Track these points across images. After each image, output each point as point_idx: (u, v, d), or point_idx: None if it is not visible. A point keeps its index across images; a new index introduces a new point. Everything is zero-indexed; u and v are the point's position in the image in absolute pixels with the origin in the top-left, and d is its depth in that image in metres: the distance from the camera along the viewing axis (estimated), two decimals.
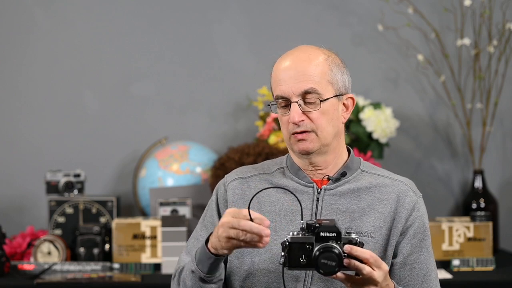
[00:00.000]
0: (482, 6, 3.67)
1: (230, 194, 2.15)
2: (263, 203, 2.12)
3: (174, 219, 3.20)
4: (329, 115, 2.06)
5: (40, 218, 3.64)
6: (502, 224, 3.73)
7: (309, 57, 2.07)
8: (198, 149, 3.50)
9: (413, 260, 2.08)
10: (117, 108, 3.73)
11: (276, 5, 3.77)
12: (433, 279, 2.10)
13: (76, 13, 3.72)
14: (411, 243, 2.08)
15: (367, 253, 1.87)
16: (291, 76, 2.06)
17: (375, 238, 2.06)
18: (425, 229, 2.11)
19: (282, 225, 2.08)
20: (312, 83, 2.04)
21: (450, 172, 3.82)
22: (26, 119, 3.71)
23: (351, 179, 2.12)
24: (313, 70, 2.05)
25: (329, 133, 2.07)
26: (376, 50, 3.79)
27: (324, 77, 2.06)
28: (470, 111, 3.70)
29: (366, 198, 2.09)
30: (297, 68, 2.06)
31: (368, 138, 3.55)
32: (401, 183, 2.13)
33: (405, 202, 2.09)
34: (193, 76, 3.75)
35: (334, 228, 1.85)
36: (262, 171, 2.18)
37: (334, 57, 2.11)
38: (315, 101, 2.05)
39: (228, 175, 2.20)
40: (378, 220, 2.07)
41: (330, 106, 2.07)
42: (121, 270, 3.18)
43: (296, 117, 2.04)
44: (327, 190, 2.10)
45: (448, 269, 3.19)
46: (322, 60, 2.07)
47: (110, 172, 3.71)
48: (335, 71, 2.09)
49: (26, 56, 3.71)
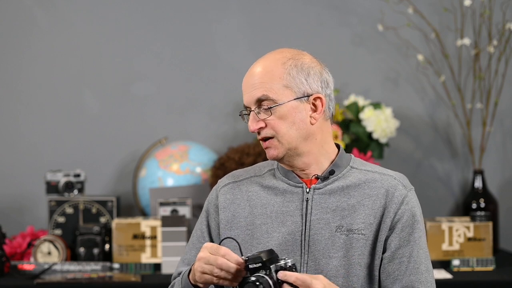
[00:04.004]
0: (482, 6, 3.67)
1: (221, 200, 2.17)
2: (254, 206, 2.13)
3: (174, 219, 3.20)
4: (289, 119, 2.06)
5: (40, 218, 3.64)
6: (502, 224, 3.73)
7: (264, 64, 2.08)
8: (198, 149, 3.50)
9: (401, 253, 2.06)
10: (117, 108, 3.73)
11: (276, 5, 3.77)
12: (422, 272, 2.07)
13: (76, 13, 3.73)
14: (399, 236, 2.07)
15: (293, 277, 1.87)
16: (248, 86, 2.09)
17: (366, 235, 2.06)
18: (414, 222, 2.08)
19: (273, 227, 2.09)
20: (263, 90, 2.05)
21: (450, 172, 3.82)
22: (26, 119, 3.71)
23: (340, 177, 2.11)
24: (264, 77, 2.06)
25: (292, 137, 2.07)
26: (376, 50, 3.79)
27: (279, 82, 2.06)
28: (470, 111, 3.70)
29: (356, 194, 2.09)
30: (252, 77, 2.08)
31: (368, 138, 3.55)
32: (391, 177, 2.12)
33: (394, 197, 2.08)
34: (193, 76, 3.76)
35: (258, 258, 1.89)
36: (254, 174, 2.19)
37: (298, 60, 2.09)
38: (271, 107, 2.05)
39: (221, 180, 2.22)
40: (368, 216, 2.07)
41: (290, 110, 2.06)
42: (121, 270, 3.18)
43: (252, 126, 2.08)
44: (316, 189, 2.10)
45: (448, 269, 3.19)
46: (279, 65, 2.07)
47: (110, 172, 3.71)
48: (295, 74, 2.07)
49: (26, 56, 3.71)
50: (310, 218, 2.08)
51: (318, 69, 2.10)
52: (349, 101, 3.62)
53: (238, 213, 2.14)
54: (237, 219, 2.13)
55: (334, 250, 2.06)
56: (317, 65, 2.11)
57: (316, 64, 2.11)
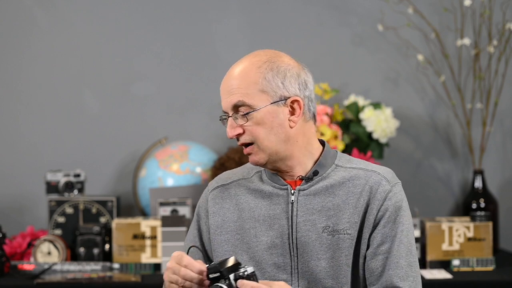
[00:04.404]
0: (482, 6, 3.67)
1: (210, 204, 2.16)
2: (242, 210, 2.12)
3: (174, 219, 3.20)
4: (267, 124, 2.04)
5: (40, 218, 3.63)
6: (502, 224, 3.73)
7: (240, 69, 2.07)
8: (198, 149, 3.50)
9: (383, 249, 2.04)
10: (117, 108, 3.73)
11: (276, 5, 3.77)
12: (402, 266, 2.02)
13: (76, 13, 3.72)
14: (382, 232, 2.04)
15: (249, 286, 1.87)
16: (224, 91, 2.07)
17: (351, 235, 2.04)
18: (397, 217, 2.05)
19: (262, 231, 2.08)
20: (239, 96, 2.03)
21: (450, 172, 3.82)
22: (26, 119, 3.71)
23: (325, 176, 2.09)
24: (240, 83, 2.04)
25: (271, 142, 2.04)
26: (376, 50, 3.79)
27: (254, 87, 2.03)
28: (470, 111, 3.70)
29: (341, 193, 2.07)
30: (228, 83, 2.07)
31: (368, 138, 3.55)
32: (374, 173, 2.08)
33: (377, 193, 2.05)
34: (193, 76, 3.75)
35: (216, 268, 1.90)
36: (242, 176, 2.17)
37: (274, 63, 2.05)
38: (247, 112, 2.03)
39: (210, 183, 2.21)
40: (353, 215, 2.05)
41: (267, 115, 2.03)
42: (121, 270, 3.18)
43: (229, 133, 2.06)
44: (301, 191, 2.08)
45: (448, 269, 3.19)
46: (254, 69, 2.05)
47: (110, 172, 3.71)
48: (271, 78, 2.04)
49: (26, 56, 3.71)
50: (296, 220, 2.06)
51: (296, 71, 2.07)
52: (349, 101, 3.62)
53: (228, 217, 2.13)
54: (227, 224, 2.12)
55: (322, 251, 2.04)
56: (295, 67, 2.07)
57: (294, 65, 2.08)
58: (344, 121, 3.60)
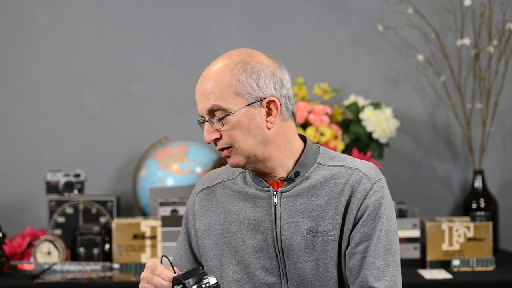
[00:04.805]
0: (482, 6, 3.67)
1: (197, 207, 2.14)
2: (228, 213, 2.09)
3: (174, 219, 3.20)
4: (243, 127, 2.00)
5: (40, 218, 3.64)
6: (502, 224, 3.73)
7: (213, 71, 2.03)
8: (198, 149, 3.50)
9: (362, 249, 2.00)
10: (117, 108, 3.73)
11: (276, 5, 3.77)
12: (379, 267, 1.98)
13: (76, 13, 3.73)
14: (360, 231, 2.00)
15: None
16: (199, 95, 2.03)
17: (334, 236, 2.01)
18: (376, 215, 2.00)
19: (248, 234, 2.06)
20: (214, 100, 2.00)
21: (450, 172, 3.82)
22: (26, 119, 3.71)
23: (307, 176, 2.05)
24: (214, 87, 2.00)
25: (249, 145, 2.01)
26: (376, 50, 3.79)
27: (229, 90, 1.99)
28: (470, 111, 3.70)
29: (323, 193, 2.03)
30: (202, 86, 2.03)
31: (368, 138, 3.55)
32: (356, 170, 2.03)
33: (357, 192, 2.01)
34: (193, 76, 3.71)
35: (178, 279, 1.91)
36: (227, 177, 2.14)
37: (247, 63, 2.01)
38: (223, 117, 2.00)
39: (197, 185, 2.19)
40: (335, 215, 2.01)
41: (243, 118, 1.99)
42: (121, 270, 3.18)
43: (207, 137, 2.03)
44: (283, 193, 2.05)
45: (448, 269, 3.19)
46: (227, 72, 2.01)
47: (110, 172, 3.71)
48: (244, 80, 1.99)
49: (26, 56, 3.71)
50: (280, 223, 2.03)
51: (270, 70, 2.02)
52: (349, 101, 3.62)
53: (214, 220, 2.10)
54: (214, 227, 2.10)
55: (308, 253, 2.01)
56: (269, 66, 2.02)
57: (268, 64, 2.02)
58: (344, 121, 3.60)
